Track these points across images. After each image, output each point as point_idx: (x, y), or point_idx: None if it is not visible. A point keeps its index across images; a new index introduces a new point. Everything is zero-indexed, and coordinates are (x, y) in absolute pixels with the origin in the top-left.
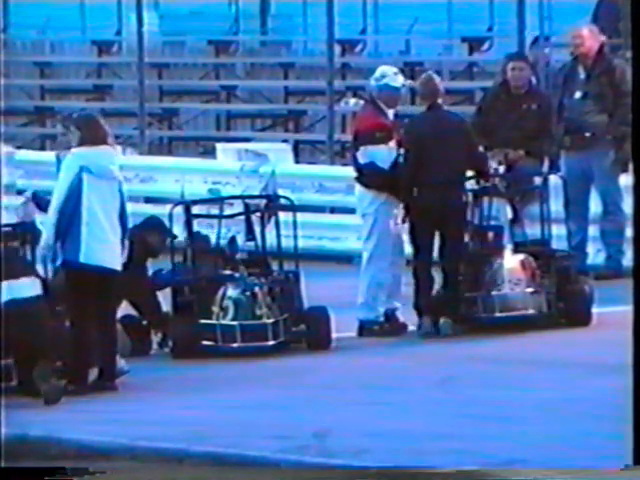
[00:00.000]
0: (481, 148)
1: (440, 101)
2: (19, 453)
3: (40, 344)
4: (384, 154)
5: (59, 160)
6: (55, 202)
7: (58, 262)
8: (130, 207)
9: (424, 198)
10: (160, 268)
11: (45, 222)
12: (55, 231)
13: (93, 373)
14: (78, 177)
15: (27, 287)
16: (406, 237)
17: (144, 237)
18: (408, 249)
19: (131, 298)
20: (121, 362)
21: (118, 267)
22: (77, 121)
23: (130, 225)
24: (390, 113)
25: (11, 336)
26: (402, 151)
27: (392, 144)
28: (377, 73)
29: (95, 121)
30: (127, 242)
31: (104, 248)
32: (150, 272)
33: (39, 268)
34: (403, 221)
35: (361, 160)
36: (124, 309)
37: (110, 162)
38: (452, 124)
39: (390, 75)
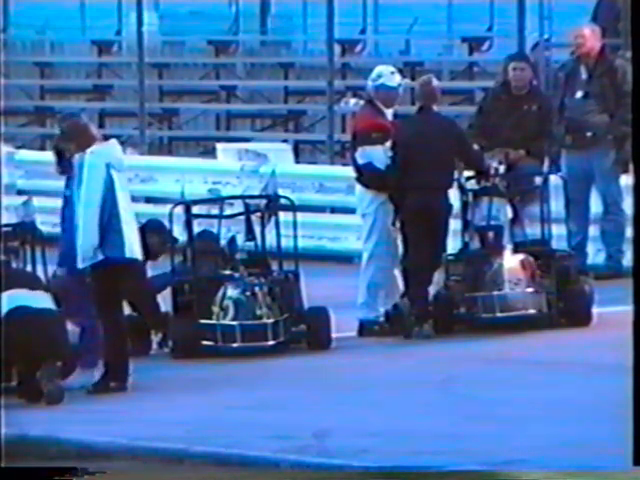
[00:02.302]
0: (476, 146)
1: (435, 105)
2: (19, 453)
3: (49, 347)
4: (381, 154)
5: (70, 163)
6: (92, 204)
7: (96, 260)
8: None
9: (411, 200)
10: (162, 272)
11: (86, 226)
12: (99, 231)
13: (98, 373)
14: (108, 174)
15: (40, 299)
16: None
17: (144, 239)
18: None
19: (129, 299)
20: None
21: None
22: (67, 134)
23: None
24: (388, 113)
25: (19, 340)
26: (390, 152)
27: (389, 144)
28: (373, 73)
29: (83, 123)
30: None
31: (136, 240)
32: (149, 273)
33: (41, 272)
34: (393, 223)
35: (359, 160)
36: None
37: (122, 155)
38: (441, 127)
39: (387, 75)
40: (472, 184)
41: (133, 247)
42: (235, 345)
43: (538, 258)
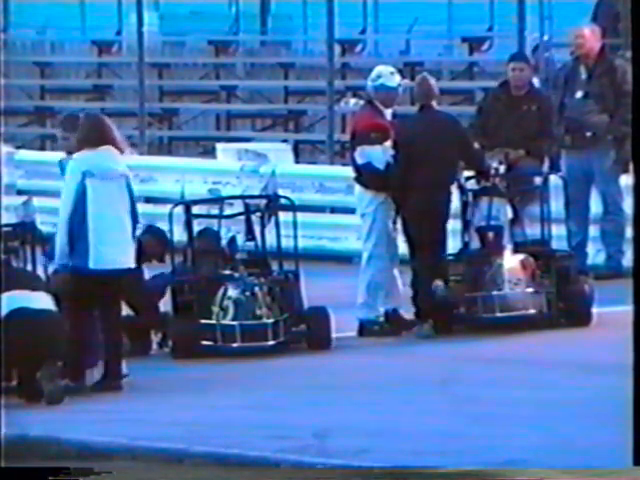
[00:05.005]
0: (477, 145)
1: (435, 102)
2: (19, 453)
3: (49, 347)
4: (380, 154)
5: (62, 166)
6: (64, 210)
7: (68, 266)
8: None
9: (414, 198)
10: (161, 272)
11: (58, 231)
12: (68, 239)
13: (98, 373)
14: (82, 183)
15: (40, 300)
16: (401, 237)
17: (142, 242)
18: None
19: (127, 299)
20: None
21: (131, 264)
22: (77, 123)
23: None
24: (388, 113)
25: (19, 340)
26: (392, 152)
27: (388, 144)
28: (373, 73)
29: (95, 122)
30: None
31: (114, 250)
32: (149, 273)
33: (41, 271)
34: (394, 222)
35: (359, 160)
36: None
37: (113, 162)
38: (443, 125)
39: (386, 75)
40: (472, 184)
41: (102, 257)
42: (235, 345)
43: (538, 258)
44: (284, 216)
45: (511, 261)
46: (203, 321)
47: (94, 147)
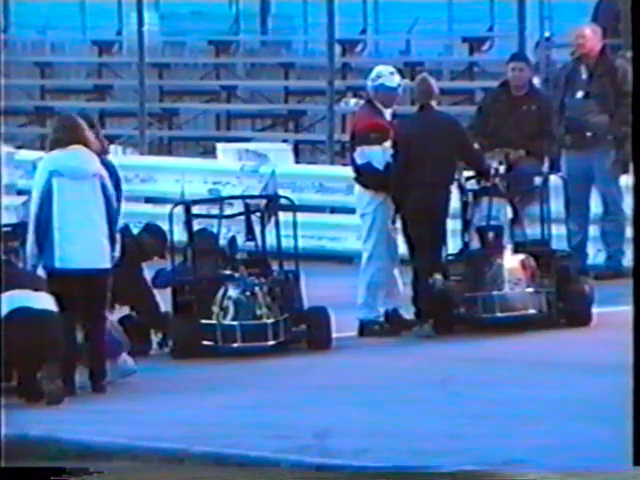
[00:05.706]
0: (477, 145)
1: (435, 102)
2: (19, 453)
3: (49, 348)
4: (379, 154)
5: (35, 167)
6: (32, 210)
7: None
8: (130, 207)
9: (413, 198)
10: (162, 268)
11: (28, 231)
12: (35, 238)
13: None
14: (48, 183)
15: (40, 300)
16: (401, 237)
17: (140, 241)
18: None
19: (127, 299)
20: (129, 361)
21: (105, 265)
22: (53, 124)
23: (121, 220)
24: (387, 113)
25: (20, 340)
26: (392, 151)
27: (388, 144)
28: (373, 73)
29: (66, 122)
30: (119, 236)
31: (82, 249)
32: (150, 272)
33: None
34: (393, 221)
35: (358, 160)
36: (125, 309)
37: (83, 161)
38: (442, 125)
39: (386, 75)
40: (472, 184)
41: (68, 256)
42: (235, 345)
43: (538, 258)
44: (284, 216)
45: (511, 261)
46: (203, 321)
47: (64, 147)
